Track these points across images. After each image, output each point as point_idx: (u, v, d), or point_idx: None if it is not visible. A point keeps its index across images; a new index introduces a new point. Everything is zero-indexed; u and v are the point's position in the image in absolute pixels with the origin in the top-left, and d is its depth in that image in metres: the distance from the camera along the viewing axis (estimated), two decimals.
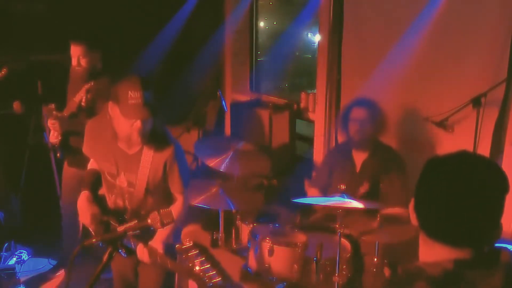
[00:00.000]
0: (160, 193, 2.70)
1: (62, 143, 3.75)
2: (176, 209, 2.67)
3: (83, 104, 3.59)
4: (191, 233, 1.80)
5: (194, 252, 1.84)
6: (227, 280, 1.81)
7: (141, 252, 2.49)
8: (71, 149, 3.78)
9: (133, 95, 2.35)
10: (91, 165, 2.87)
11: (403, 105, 3.71)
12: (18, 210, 4.71)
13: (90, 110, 3.66)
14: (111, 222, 2.59)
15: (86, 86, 3.58)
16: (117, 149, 2.62)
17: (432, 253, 1.25)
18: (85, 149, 2.82)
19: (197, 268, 1.83)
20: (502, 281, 1.20)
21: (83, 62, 3.69)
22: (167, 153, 2.59)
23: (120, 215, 2.65)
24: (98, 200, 2.70)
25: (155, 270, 2.81)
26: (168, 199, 2.74)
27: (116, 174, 2.67)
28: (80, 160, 3.83)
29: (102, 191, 2.85)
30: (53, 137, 3.76)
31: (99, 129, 2.67)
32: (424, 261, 1.27)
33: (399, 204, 3.24)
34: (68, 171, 3.98)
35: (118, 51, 4.25)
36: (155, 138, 2.57)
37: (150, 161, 2.58)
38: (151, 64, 4.69)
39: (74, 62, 3.71)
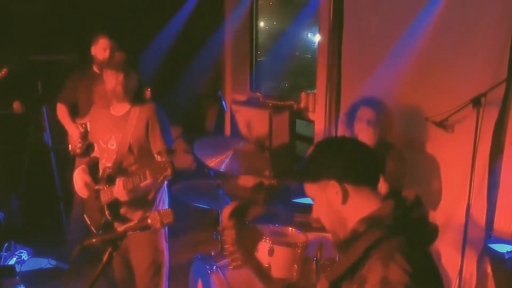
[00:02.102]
0: (142, 152, 2.90)
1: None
2: None
3: None
4: (233, 212, 1.83)
5: (231, 232, 1.87)
6: (241, 266, 1.87)
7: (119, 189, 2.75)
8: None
9: (118, 54, 2.88)
10: (95, 154, 3.15)
11: (403, 105, 3.71)
12: (18, 210, 4.71)
13: None
14: (100, 189, 2.88)
15: None
16: (110, 116, 2.95)
17: (363, 205, 1.51)
18: (90, 135, 3.16)
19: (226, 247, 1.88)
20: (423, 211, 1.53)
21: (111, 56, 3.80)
22: (149, 110, 2.90)
23: (109, 178, 2.88)
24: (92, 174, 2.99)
25: (145, 248, 3.00)
26: (151, 160, 2.86)
27: (108, 139, 2.93)
28: None
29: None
30: (77, 144, 3.94)
31: (97, 110, 3.05)
32: (369, 212, 1.49)
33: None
34: (82, 163, 4.00)
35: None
36: (139, 99, 2.93)
37: (135, 119, 2.87)
38: (151, 64, 4.69)
39: (105, 54, 3.82)
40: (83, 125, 3.93)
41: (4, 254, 4.22)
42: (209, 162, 3.63)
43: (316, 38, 4.86)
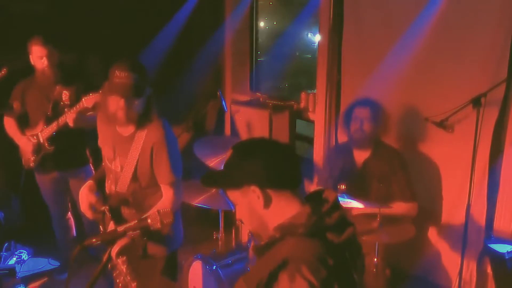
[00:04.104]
0: (148, 181, 2.66)
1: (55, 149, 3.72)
2: (163, 204, 2.61)
3: (67, 101, 3.60)
4: (120, 251, 1.81)
5: (124, 268, 1.86)
6: None
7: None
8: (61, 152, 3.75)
9: (119, 75, 2.44)
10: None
11: (403, 105, 3.71)
12: (18, 210, 4.71)
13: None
14: (106, 212, 2.64)
15: (63, 87, 3.61)
16: (115, 133, 2.68)
17: (285, 209, 1.53)
18: (99, 141, 2.86)
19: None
20: (341, 214, 1.53)
21: (50, 62, 3.62)
22: (155, 134, 2.59)
23: (111, 210, 2.67)
24: (100, 191, 2.75)
25: (153, 268, 2.82)
26: (157, 190, 2.68)
27: (112, 158, 2.71)
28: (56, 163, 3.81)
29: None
30: (30, 158, 3.76)
31: (102, 117, 2.76)
32: (286, 218, 1.51)
33: (408, 199, 3.28)
34: (40, 178, 3.96)
35: (118, 51, 4.25)
36: (146, 121, 2.60)
37: (140, 144, 2.59)
38: (151, 64, 4.69)
39: (43, 63, 3.61)
40: (35, 136, 3.72)
41: (4, 254, 4.22)
42: (209, 162, 3.63)
43: (316, 38, 4.86)
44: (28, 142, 3.73)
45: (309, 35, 5.35)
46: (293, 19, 5.26)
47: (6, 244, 4.26)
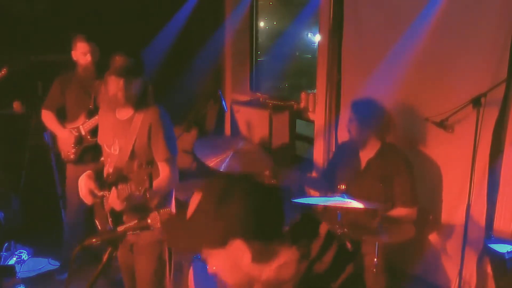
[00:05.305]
0: (145, 159, 2.80)
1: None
2: (160, 181, 2.77)
3: None
4: None
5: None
6: None
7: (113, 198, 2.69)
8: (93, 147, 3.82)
9: (118, 59, 2.77)
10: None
11: (403, 105, 3.71)
12: (18, 210, 4.71)
13: None
14: (104, 195, 2.79)
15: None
16: (114, 119, 2.89)
17: (270, 261, 1.31)
18: (98, 138, 3.04)
19: None
20: (336, 251, 1.31)
21: (93, 58, 3.82)
22: (152, 115, 2.81)
23: (110, 185, 2.79)
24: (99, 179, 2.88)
25: (149, 256, 2.90)
26: (154, 169, 2.78)
27: (112, 143, 2.88)
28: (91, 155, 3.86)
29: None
30: (71, 150, 3.84)
31: (103, 113, 3.00)
32: (272, 274, 1.31)
33: (408, 204, 3.26)
34: (75, 170, 3.97)
35: (118, 51, 4.26)
36: (143, 105, 2.84)
37: (138, 125, 2.81)
38: (151, 64, 4.69)
39: (87, 59, 3.80)
40: (76, 129, 3.88)
41: (4, 254, 4.22)
42: (209, 162, 3.63)
43: (316, 38, 4.86)
44: (70, 135, 3.88)
45: (309, 35, 5.36)
46: (293, 19, 5.27)
47: (6, 244, 4.26)
